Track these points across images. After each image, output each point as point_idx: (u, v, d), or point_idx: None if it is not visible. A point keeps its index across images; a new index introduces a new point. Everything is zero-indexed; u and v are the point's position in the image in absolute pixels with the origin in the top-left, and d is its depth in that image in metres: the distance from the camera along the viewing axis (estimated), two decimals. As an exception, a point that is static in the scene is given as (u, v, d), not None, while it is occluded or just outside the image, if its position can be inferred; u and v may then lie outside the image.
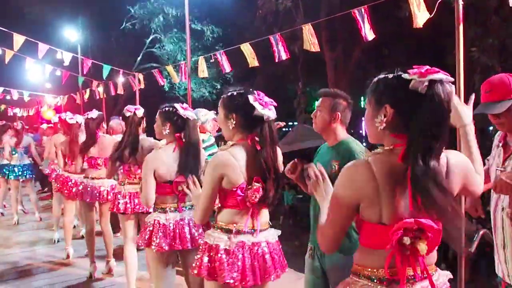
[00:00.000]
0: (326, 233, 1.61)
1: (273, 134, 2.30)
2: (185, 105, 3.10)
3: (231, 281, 2.18)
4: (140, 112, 3.84)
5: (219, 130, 3.03)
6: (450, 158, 1.52)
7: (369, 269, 1.50)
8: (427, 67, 1.44)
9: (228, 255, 2.21)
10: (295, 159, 2.26)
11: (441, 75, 1.41)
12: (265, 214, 2.39)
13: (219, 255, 2.22)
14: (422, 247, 1.42)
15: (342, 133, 2.54)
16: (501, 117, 2.27)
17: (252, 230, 2.30)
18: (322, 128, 2.54)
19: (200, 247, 2.38)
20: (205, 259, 2.26)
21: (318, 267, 2.57)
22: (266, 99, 2.29)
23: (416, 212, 1.41)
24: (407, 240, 1.40)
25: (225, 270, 2.19)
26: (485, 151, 2.29)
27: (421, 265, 1.47)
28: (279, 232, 2.46)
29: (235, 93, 2.30)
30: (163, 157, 2.99)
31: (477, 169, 1.70)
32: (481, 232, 2.85)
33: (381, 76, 1.53)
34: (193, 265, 2.33)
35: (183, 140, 3.02)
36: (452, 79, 1.45)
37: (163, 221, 2.94)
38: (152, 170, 2.96)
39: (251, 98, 2.23)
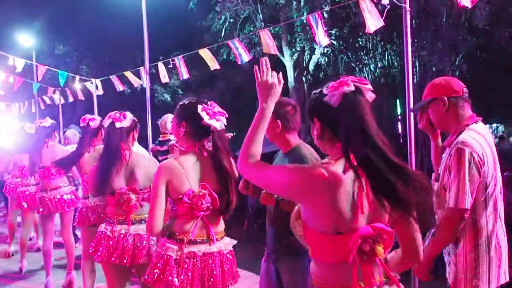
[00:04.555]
0: (253, 171, 1.61)
1: (224, 143, 2.35)
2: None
3: None
4: (95, 122, 3.76)
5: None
6: None
7: (336, 285, 1.50)
8: (344, 79, 1.49)
9: (178, 266, 2.22)
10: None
11: (351, 87, 1.46)
12: (220, 223, 2.41)
13: (170, 265, 2.22)
14: (380, 250, 1.46)
15: (292, 139, 2.56)
16: (430, 115, 2.37)
17: (206, 240, 2.31)
18: (271, 137, 2.56)
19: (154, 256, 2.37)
20: (156, 268, 2.25)
21: (273, 271, 2.61)
22: (217, 109, 2.35)
23: (369, 218, 1.46)
24: (367, 247, 1.44)
25: (175, 281, 2.19)
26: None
27: (381, 268, 1.51)
28: (234, 241, 2.47)
29: (186, 102, 2.38)
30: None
31: None
32: (432, 230, 2.91)
33: (314, 91, 1.59)
34: (146, 273, 2.31)
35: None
36: (369, 87, 1.51)
37: (108, 232, 2.89)
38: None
39: (199, 107, 2.30)
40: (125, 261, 2.83)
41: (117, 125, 2.96)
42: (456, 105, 2.27)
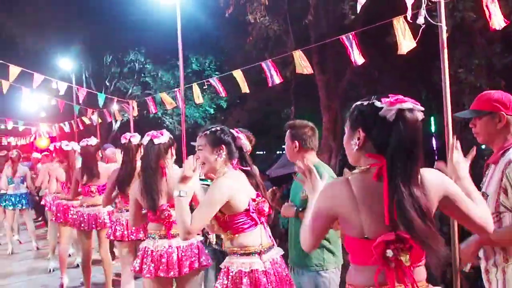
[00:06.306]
0: (307, 236, 1.76)
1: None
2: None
3: None
4: (136, 139, 3.85)
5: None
6: (424, 176, 1.57)
7: (361, 287, 1.56)
8: (399, 96, 1.55)
9: (266, 275, 2.36)
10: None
11: (409, 104, 1.52)
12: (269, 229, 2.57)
13: (260, 277, 2.34)
14: (406, 258, 1.48)
15: (311, 158, 2.72)
16: (477, 126, 2.35)
17: (272, 246, 2.50)
18: (290, 157, 2.80)
19: (230, 276, 2.39)
20: (247, 282, 2.34)
21: (299, 284, 2.73)
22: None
23: (396, 225, 1.48)
24: (389, 253, 1.47)
25: None
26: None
27: (410, 278, 1.51)
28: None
29: (218, 128, 2.53)
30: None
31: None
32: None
33: (358, 102, 1.64)
34: None
35: None
36: (422, 108, 1.55)
37: (151, 248, 2.99)
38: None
39: (234, 132, 2.55)
40: (172, 273, 2.91)
41: (156, 141, 3.06)
42: (509, 123, 2.27)
